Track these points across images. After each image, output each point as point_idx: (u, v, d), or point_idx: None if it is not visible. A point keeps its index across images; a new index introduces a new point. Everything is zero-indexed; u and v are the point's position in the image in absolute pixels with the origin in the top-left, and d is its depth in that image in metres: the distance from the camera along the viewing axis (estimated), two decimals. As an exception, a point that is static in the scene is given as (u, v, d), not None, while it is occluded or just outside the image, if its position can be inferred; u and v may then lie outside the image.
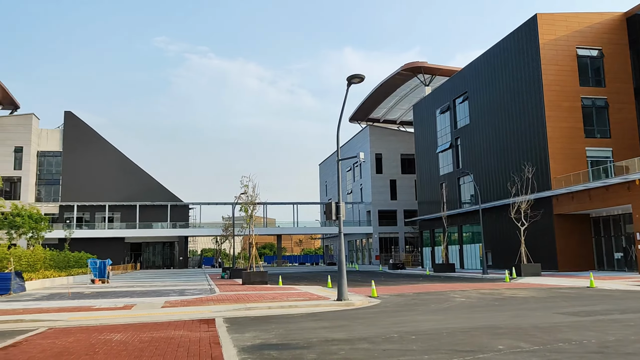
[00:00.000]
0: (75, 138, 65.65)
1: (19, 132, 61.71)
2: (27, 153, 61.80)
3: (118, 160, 66.92)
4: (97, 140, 66.59)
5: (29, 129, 62.19)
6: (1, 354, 8.88)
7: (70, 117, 66.03)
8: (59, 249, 38.53)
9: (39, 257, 30.28)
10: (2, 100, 60.08)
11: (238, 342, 9.56)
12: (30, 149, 62.10)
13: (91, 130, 66.95)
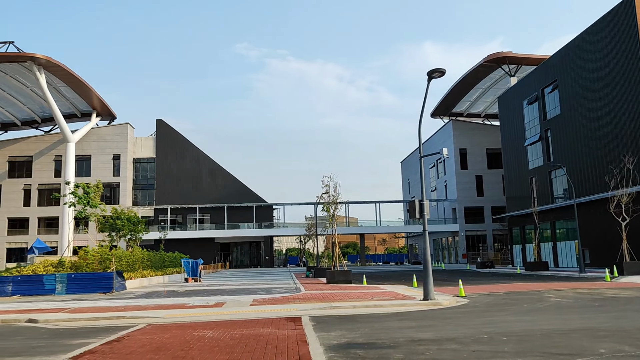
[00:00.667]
0: (167, 144, 69.35)
1: (116, 141, 66.17)
2: (124, 160, 66.11)
3: (206, 164, 69.88)
4: (186, 145, 69.93)
5: (125, 137, 66.49)
6: (106, 348, 9.54)
7: (161, 125, 69.84)
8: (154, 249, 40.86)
9: (137, 257, 32.26)
10: (101, 112, 64.68)
11: (324, 340, 9.63)
12: (127, 157, 66.36)
13: (180, 136, 70.40)
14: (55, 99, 55.69)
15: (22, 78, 53.69)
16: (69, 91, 58.17)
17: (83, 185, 35.48)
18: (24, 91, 57.00)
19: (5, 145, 64.94)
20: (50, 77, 53.51)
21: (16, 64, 50.17)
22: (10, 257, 62.57)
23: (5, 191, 63.98)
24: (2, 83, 54.76)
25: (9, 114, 63.16)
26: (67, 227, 51.05)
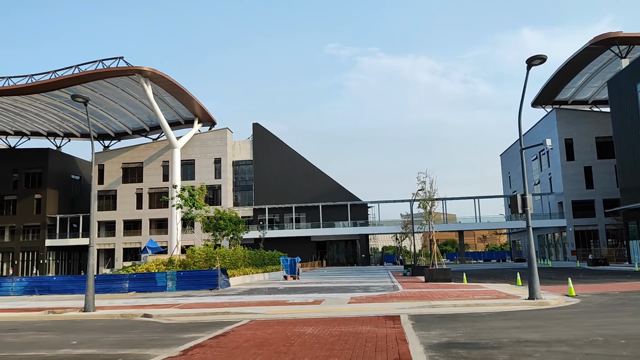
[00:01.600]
0: (263, 147, 71.71)
1: (216, 145, 69.49)
2: (224, 163, 69.26)
3: (301, 164, 71.37)
4: (281, 147, 71.89)
5: (225, 142, 69.63)
6: (214, 342, 10.03)
7: (257, 128, 72.35)
8: (254, 248, 42.37)
9: (239, 255, 33.63)
10: (202, 118, 68.25)
11: (424, 339, 9.46)
12: (227, 160, 69.46)
13: (276, 138, 72.48)
14: (161, 108, 59.54)
15: (131, 90, 57.97)
16: (173, 100, 61.94)
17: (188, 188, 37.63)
18: (134, 102, 61.51)
19: (119, 153, 70.51)
20: (156, 88, 57.28)
21: (126, 77, 54.27)
22: (126, 256, 67.86)
23: (121, 195, 69.46)
24: (114, 96, 59.48)
25: (121, 124, 68.48)
26: (175, 227, 54.44)
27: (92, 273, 16.78)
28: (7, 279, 27.90)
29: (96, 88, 56.33)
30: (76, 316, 15.64)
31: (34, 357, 9.10)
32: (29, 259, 68.34)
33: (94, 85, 55.49)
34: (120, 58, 53.06)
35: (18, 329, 13.23)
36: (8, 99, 56.62)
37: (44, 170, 68.84)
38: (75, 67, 53.40)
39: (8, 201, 69.39)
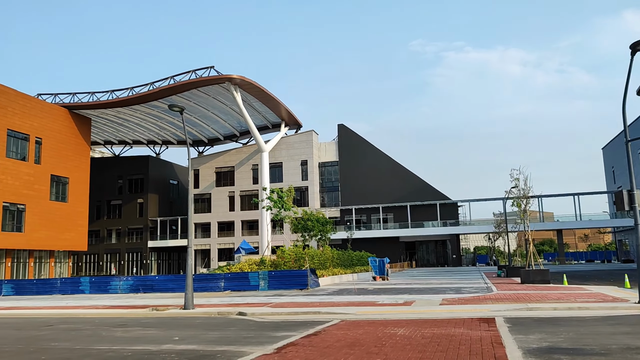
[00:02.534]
0: (349, 148, 72.02)
1: (302, 147, 70.77)
2: (310, 165, 70.37)
3: (387, 164, 70.87)
4: (367, 147, 71.82)
5: (311, 144, 70.74)
6: (306, 341, 10.21)
7: (343, 129, 72.79)
8: (342, 248, 42.61)
9: (328, 256, 33.98)
10: (288, 122, 69.83)
11: (522, 343, 9.04)
12: (313, 162, 70.51)
13: (361, 139, 72.53)
14: (250, 114, 61.62)
15: (222, 98, 60.51)
16: (260, 106, 63.89)
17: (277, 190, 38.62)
18: (224, 109, 64.13)
19: (212, 159, 73.86)
20: (245, 95, 59.38)
21: (217, 85, 56.75)
22: (220, 256, 70.89)
23: (215, 198, 72.71)
24: (207, 104, 62.38)
25: (213, 130, 71.68)
26: (265, 228, 56.10)
27: (190, 273, 17.68)
28: (115, 278, 30.11)
29: (190, 97, 59.37)
30: (177, 313, 16.55)
31: (141, 351, 9.74)
32: (133, 259, 73.35)
33: (188, 95, 58.52)
34: (211, 67, 55.53)
35: (126, 325, 14.23)
36: (112, 111, 61.15)
37: (145, 176, 73.61)
38: (171, 78, 56.60)
39: (114, 206, 74.92)
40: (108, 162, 76.57)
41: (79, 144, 60.08)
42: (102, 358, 9.06)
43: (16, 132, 51.47)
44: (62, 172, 57.12)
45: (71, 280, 30.74)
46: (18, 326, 14.71)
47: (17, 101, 51.79)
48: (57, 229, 55.89)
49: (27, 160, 52.63)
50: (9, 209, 50.49)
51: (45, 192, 54.64)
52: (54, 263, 58.10)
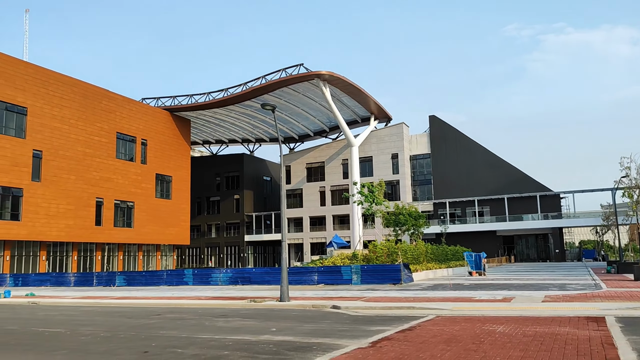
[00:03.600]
0: (441, 139, 70.29)
1: (393, 141, 70.04)
2: (401, 158, 69.49)
3: (482, 155, 68.35)
4: (460, 138, 69.68)
5: (401, 137, 69.83)
6: (400, 335, 10.12)
7: (434, 120, 71.14)
8: (436, 243, 41.74)
9: (421, 250, 33.44)
10: (378, 115, 69.39)
11: (638, 345, 8.34)
12: (404, 155, 69.58)
13: (454, 129, 70.47)
14: (339, 109, 61.98)
15: (311, 94, 61.37)
16: (349, 100, 64.04)
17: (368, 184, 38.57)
18: (314, 105, 65.01)
19: (303, 155, 75.25)
20: (334, 90, 59.79)
21: (306, 82, 57.64)
22: (313, 250, 72.14)
23: (306, 194, 74.07)
24: (296, 101, 63.59)
25: (303, 127, 72.95)
26: (356, 223, 56.28)
27: (285, 267, 18.15)
28: (216, 270, 31.61)
29: (281, 95, 60.83)
30: (273, 305, 17.07)
31: (241, 341, 10.15)
32: (231, 253, 76.66)
33: (278, 93, 59.99)
34: (300, 65, 56.49)
35: (227, 315, 14.89)
36: (209, 112, 64.15)
37: (241, 173, 76.57)
38: (262, 77, 58.29)
39: (213, 202, 78.69)
40: (206, 160, 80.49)
41: (180, 144, 63.74)
42: (206, 346, 9.54)
43: (124, 135, 55.57)
44: (166, 171, 60.95)
45: (176, 273, 32.72)
46: (130, 314, 15.89)
47: (124, 106, 55.89)
48: (163, 224, 59.74)
49: (135, 160, 56.69)
50: (120, 206, 54.66)
51: (151, 190, 58.59)
52: (160, 256, 62.17)
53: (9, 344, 10.52)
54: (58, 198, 47.64)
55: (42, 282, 35.58)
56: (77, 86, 50.57)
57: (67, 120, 49.01)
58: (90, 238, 50.99)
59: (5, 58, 44.61)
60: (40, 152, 46.46)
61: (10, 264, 44.94)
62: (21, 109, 45.32)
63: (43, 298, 23.11)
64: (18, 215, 44.47)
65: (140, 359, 8.54)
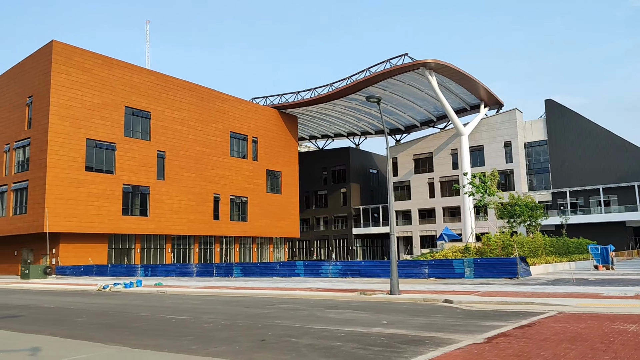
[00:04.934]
0: (558, 124, 65.74)
1: (505, 128, 66.65)
2: (515, 146, 65.95)
3: (607, 139, 62.92)
4: (581, 122, 64.70)
5: (514, 123, 66.26)
6: (518, 332, 9.63)
7: (550, 104, 66.63)
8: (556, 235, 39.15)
9: (539, 243, 31.57)
10: (488, 102, 66.37)
11: None
12: (518, 142, 65.97)
13: (573, 113, 65.55)
14: (446, 97, 60.20)
15: (417, 84, 60.20)
16: (457, 87, 61.94)
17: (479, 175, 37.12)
18: (420, 95, 63.72)
19: (410, 146, 74.15)
20: (440, 78, 58.16)
21: (411, 72, 56.64)
22: (422, 243, 70.96)
23: (414, 185, 72.95)
24: (402, 91, 62.70)
25: (409, 117, 71.81)
26: (468, 215, 54.39)
27: (394, 259, 18.03)
28: (326, 263, 32.22)
29: (385, 86, 60.38)
30: (384, 298, 17.04)
31: (353, 332, 10.25)
32: (339, 246, 77.71)
33: (383, 85, 59.60)
34: (405, 55, 55.64)
35: (338, 307, 15.11)
36: (314, 107, 65.39)
37: (347, 166, 77.25)
38: (366, 70, 58.25)
39: (320, 196, 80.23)
40: (313, 155, 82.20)
41: (288, 141, 65.75)
42: (319, 337, 9.76)
43: (237, 134, 58.45)
44: (276, 166, 63.24)
45: (288, 264, 33.83)
46: (247, 304, 16.69)
47: (236, 106, 58.77)
48: (274, 217, 62.10)
49: (247, 158, 59.45)
50: (235, 202, 57.64)
51: (263, 186, 61.12)
52: (273, 248, 64.70)
53: (142, 329, 11.52)
54: (180, 195, 51.29)
55: (168, 272, 38.53)
56: (194, 90, 53.97)
57: (186, 122, 52.54)
58: (209, 231, 54.34)
59: (131, 67, 48.74)
60: (164, 153, 50.27)
61: (140, 255, 49.24)
62: (146, 114, 49.32)
63: (169, 287, 25.02)
64: (146, 211, 48.53)
65: (258, 346, 8.94)
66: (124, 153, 47.18)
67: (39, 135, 43.20)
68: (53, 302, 19.40)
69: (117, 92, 46.95)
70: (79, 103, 44.11)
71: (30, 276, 38.06)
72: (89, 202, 43.96)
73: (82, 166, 43.98)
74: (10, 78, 47.90)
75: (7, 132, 47.28)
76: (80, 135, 44.00)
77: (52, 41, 43.54)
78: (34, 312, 15.55)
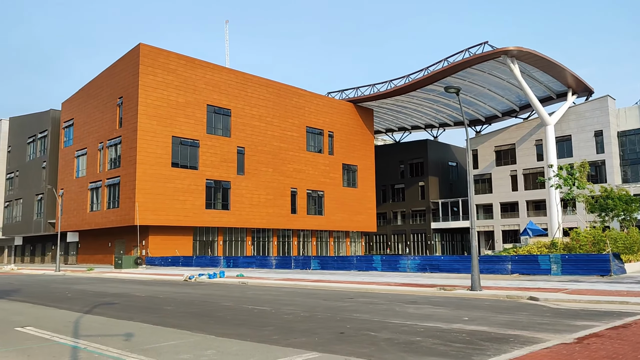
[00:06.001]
0: (656, 111, 60.94)
1: (596, 116, 62.60)
2: (607, 135, 61.82)
3: None
4: (682, 108, 59.57)
5: (606, 111, 62.08)
6: (612, 332, 9.04)
7: (646, 90, 61.94)
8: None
9: (635, 239, 29.45)
10: (576, 89, 62.58)
11: None
12: (610, 131, 61.78)
13: (673, 99, 60.51)
14: (530, 85, 57.46)
15: (498, 73, 57.87)
16: (541, 75, 58.91)
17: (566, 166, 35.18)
18: (501, 84, 61.23)
19: (490, 137, 71.53)
20: (523, 66, 55.55)
21: (492, 60, 54.52)
22: (505, 238, 68.32)
23: (495, 178, 70.34)
24: (482, 81, 60.53)
25: (490, 107, 69.24)
26: (554, 209, 51.72)
27: (475, 254, 17.50)
28: (403, 257, 31.88)
29: (464, 76, 58.57)
30: (464, 294, 16.59)
31: (432, 328, 10.06)
32: (417, 240, 76.57)
33: (462, 75, 57.85)
34: (484, 43, 53.70)
35: (416, 302, 14.91)
36: (391, 100, 64.68)
37: (425, 159, 75.87)
38: (444, 60, 56.78)
39: (398, 189, 79.36)
40: (390, 148, 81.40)
41: (364, 134, 65.57)
42: (398, 331, 9.67)
43: (313, 129, 59.05)
44: (352, 160, 63.28)
45: (365, 258, 33.80)
46: (325, 297, 16.85)
47: (312, 101, 59.36)
48: (350, 212, 62.23)
49: (323, 152, 59.93)
50: (311, 196, 58.34)
51: (339, 180, 61.39)
52: (349, 242, 64.89)
53: (226, 318, 11.95)
54: (259, 189, 52.65)
55: (249, 264, 39.72)
56: (271, 86, 55.09)
57: (263, 118, 53.77)
58: (286, 225, 55.40)
59: (212, 67, 50.55)
60: (243, 149, 51.78)
61: (223, 247, 51.13)
62: (226, 111, 50.99)
63: (250, 279, 25.78)
64: (228, 205, 50.26)
65: (337, 339, 8.99)
66: (207, 149, 49.08)
67: (129, 133, 45.88)
68: (144, 291, 20.58)
69: (199, 91, 48.88)
70: (164, 102, 46.38)
71: (123, 266, 40.64)
72: (174, 196, 46.17)
73: (169, 162, 46.24)
74: (103, 80, 51.17)
75: (100, 132, 50.60)
76: (166, 133, 46.27)
77: (140, 44, 46.00)
78: (126, 300, 16.57)
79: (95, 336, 9.54)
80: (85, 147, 53.12)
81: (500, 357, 7.31)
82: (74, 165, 55.00)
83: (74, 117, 55.67)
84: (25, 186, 63.66)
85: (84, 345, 8.71)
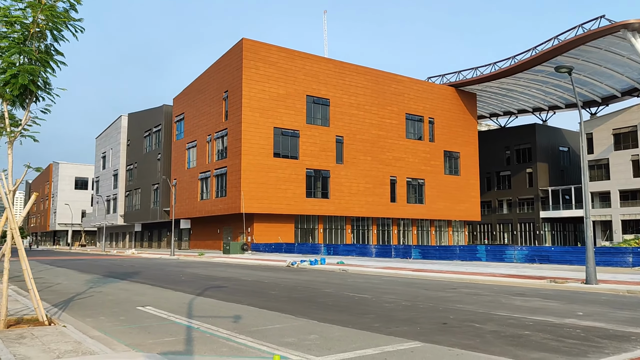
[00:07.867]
0: None
1: None
2: None
3: None
4: None
5: None
6: None
7: None
8: None
9: None
10: None
11: None
12: None
13: None
14: (655, 61, 52.23)
15: (616, 49, 53.09)
16: (669, 49, 53.28)
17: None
18: (620, 61, 56.14)
19: (608, 119, 65.96)
20: (646, 40, 50.52)
21: (609, 36, 50.13)
22: (625, 228, 62.96)
23: (613, 164, 64.85)
24: (597, 58, 55.84)
25: (607, 87, 63.77)
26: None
27: (590, 245, 16.31)
28: (510, 248, 30.46)
29: (577, 55, 54.44)
30: (578, 287, 15.55)
31: (542, 322, 9.53)
32: (525, 230, 72.79)
33: (574, 53, 53.82)
34: (600, 17, 49.47)
35: (524, 294, 14.20)
36: (495, 83, 61.72)
37: (533, 145, 71.71)
38: (554, 38, 53.13)
39: (503, 176, 75.82)
40: (494, 134, 77.87)
41: (466, 120, 63.31)
42: (504, 324, 9.28)
43: (412, 115, 58.03)
44: (453, 147, 61.43)
45: (468, 248, 32.76)
46: (427, 286, 16.57)
47: (411, 87, 58.29)
48: (452, 200, 60.56)
49: (423, 139, 58.73)
50: (411, 184, 57.49)
51: (440, 167, 59.91)
52: (452, 231, 63.22)
53: (327, 304, 12.16)
54: (358, 178, 52.82)
55: (349, 252, 40.07)
56: (369, 74, 54.82)
57: (362, 107, 53.72)
58: (386, 213, 55.14)
59: (311, 57, 51.29)
60: (342, 138, 52.15)
61: (323, 235, 52.03)
62: (325, 101, 51.57)
63: (350, 266, 26.00)
64: (327, 194, 51.00)
65: (440, 329, 8.82)
66: (306, 139, 50.04)
67: (234, 125, 47.97)
68: (250, 275, 21.52)
69: (299, 82, 49.85)
70: (266, 94, 47.88)
71: (231, 251, 42.77)
72: (277, 185, 47.67)
73: (271, 153, 47.79)
74: (210, 75, 53.84)
75: (209, 125, 53.38)
76: (268, 124, 47.80)
77: (242, 39, 47.77)
78: (235, 284, 17.42)
79: (207, 317, 10.14)
80: (195, 139, 56.35)
81: (620, 356, 6.77)
82: (185, 156, 58.63)
83: (185, 112, 59.21)
84: (143, 177, 68.95)
85: (196, 325, 9.29)
